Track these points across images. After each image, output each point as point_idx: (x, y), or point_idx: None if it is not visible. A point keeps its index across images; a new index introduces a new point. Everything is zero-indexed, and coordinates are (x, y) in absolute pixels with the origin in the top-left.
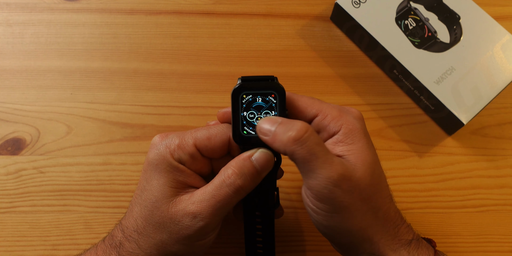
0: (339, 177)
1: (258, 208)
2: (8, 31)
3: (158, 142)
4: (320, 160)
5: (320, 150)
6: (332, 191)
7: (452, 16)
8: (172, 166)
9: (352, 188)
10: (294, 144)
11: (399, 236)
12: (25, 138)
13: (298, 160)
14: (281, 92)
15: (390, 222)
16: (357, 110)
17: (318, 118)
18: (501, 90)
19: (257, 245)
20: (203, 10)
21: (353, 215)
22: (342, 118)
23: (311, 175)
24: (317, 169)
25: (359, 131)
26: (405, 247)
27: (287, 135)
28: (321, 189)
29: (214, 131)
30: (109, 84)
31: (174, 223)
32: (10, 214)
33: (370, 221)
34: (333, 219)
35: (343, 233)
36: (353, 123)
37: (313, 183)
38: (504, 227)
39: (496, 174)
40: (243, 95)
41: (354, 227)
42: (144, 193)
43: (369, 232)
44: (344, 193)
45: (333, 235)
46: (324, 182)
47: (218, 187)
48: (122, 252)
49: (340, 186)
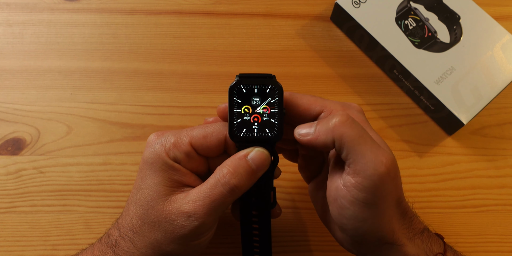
0: (391, 162)
1: (255, 208)
2: (8, 31)
3: (153, 141)
4: (369, 144)
5: (367, 134)
6: (382, 178)
7: (452, 16)
8: (167, 165)
9: (395, 176)
10: (342, 126)
11: (413, 225)
12: (25, 138)
13: (347, 143)
14: (279, 90)
15: (408, 212)
16: (357, 105)
17: (324, 114)
18: (501, 90)
19: (254, 245)
20: (203, 10)
21: (388, 207)
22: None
23: (361, 159)
24: (367, 153)
25: (365, 122)
26: (419, 236)
27: (332, 122)
28: (371, 174)
29: (210, 130)
30: (109, 84)
31: (169, 223)
32: (10, 214)
33: (396, 211)
34: (370, 210)
35: (374, 227)
36: (358, 116)
37: (362, 168)
38: (504, 227)
39: (496, 174)
40: (240, 92)
41: (385, 219)
42: (140, 192)
43: (394, 223)
44: (390, 181)
45: (362, 230)
46: (376, 166)
47: (212, 187)
48: (118, 251)
49: (389, 173)
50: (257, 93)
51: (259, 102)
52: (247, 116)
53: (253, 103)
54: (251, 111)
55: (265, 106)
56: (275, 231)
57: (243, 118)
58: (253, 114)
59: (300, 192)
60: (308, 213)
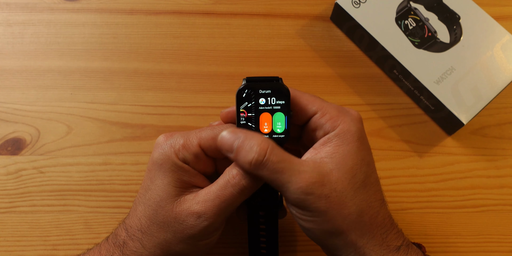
0: (309, 185)
1: (262, 208)
2: (8, 31)
3: (163, 142)
4: (286, 174)
5: (284, 166)
6: (304, 200)
7: (452, 16)
8: (176, 165)
9: (327, 193)
10: (256, 168)
11: (388, 242)
12: (25, 138)
13: (267, 181)
14: (286, 93)
15: (378, 227)
16: (357, 112)
17: (317, 116)
18: (501, 90)
19: (261, 245)
20: (203, 10)
21: (333, 219)
22: (339, 119)
23: (282, 189)
24: (285, 183)
25: (352, 134)
26: (393, 253)
27: (247, 160)
28: (294, 199)
29: (218, 131)
30: (109, 84)
31: (178, 223)
32: (10, 214)
33: (352, 225)
34: (314, 222)
35: (325, 236)
36: (349, 125)
37: (286, 195)
38: (504, 227)
39: (496, 174)
40: (248, 96)
41: (334, 230)
42: (148, 193)
43: (352, 236)
44: (318, 199)
45: (317, 238)
46: (295, 192)
47: (223, 187)
48: (125, 251)
49: (312, 193)
50: (265, 97)
51: (267, 105)
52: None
53: (261, 106)
54: (259, 114)
55: (274, 108)
56: (281, 231)
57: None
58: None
59: None
60: None
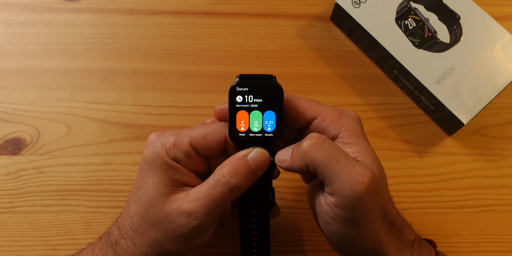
0: (370, 179)
1: (254, 208)
2: (8, 31)
3: (154, 140)
4: (342, 163)
5: (341, 153)
6: (360, 196)
7: (452, 16)
8: (167, 164)
9: (375, 192)
10: (311, 150)
11: (403, 237)
12: (25, 138)
13: (320, 166)
14: (279, 91)
15: (396, 224)
16: (355, 112)
17: (318, 120)
18: (501, 90)
19: (252, 245)
20: (203, 10)
21: (372, 222)
22: (341, 120)
23: (335, 180)
24: (341, 173)
25: (359, 132)
26: (408, 248)
27: (302, 146)
28: (348, 194)
29: (210, 130)
30: (109, 84)
31: (169, 222)
32: (10, 214)
33: (382, 225)
34: (353, 227)
35: (358, 242)
36: (353, 125)
37: (338, 188)
38: (504, 227)
39: (496, 174)
40: (241, 93)
41: (370, 234)
42: (140, 191)
43: (381, 237)
44: (370, 198)
45: (346, 244)
46: (351, 186)
47: (213, 186)
48: (118, 250)
49: (367, 190)
50: (257, 94)
51: (259, 103)
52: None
53: (253, 104)
54: (252, 112)
55: (265, 106)
56: (274, 231)
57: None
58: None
59: (299, 192)
60: (306, 213)
